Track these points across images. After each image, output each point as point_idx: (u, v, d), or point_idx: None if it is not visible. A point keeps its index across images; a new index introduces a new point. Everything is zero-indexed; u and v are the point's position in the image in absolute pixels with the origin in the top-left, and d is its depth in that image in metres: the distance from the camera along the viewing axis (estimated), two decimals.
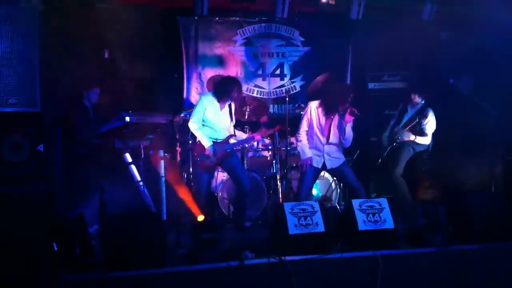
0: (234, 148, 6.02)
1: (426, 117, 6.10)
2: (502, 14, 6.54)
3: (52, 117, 5.86)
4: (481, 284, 4.76)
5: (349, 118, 5.49)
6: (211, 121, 5.77)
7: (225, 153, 5.76)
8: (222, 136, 5.83)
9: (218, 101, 5.80)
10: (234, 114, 5.97)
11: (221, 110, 5.83)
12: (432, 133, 6.20)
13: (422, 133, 6.13)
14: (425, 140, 6.17)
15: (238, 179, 5.82)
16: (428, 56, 7.17)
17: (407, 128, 6.15)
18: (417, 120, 6.11)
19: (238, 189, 5.88)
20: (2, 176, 4.11)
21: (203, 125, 5.78)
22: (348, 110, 5.47)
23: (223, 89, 5.78)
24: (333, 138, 5.64)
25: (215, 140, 5.78)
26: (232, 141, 5.88)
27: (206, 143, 5.70)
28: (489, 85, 6.79)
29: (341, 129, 5.59)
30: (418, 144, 6.20)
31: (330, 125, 5.62)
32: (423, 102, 6.33)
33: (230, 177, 6.08)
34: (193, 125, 5.74)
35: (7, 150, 3.99)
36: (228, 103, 5.85)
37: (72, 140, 5.88)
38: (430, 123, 6.13)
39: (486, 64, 6.71)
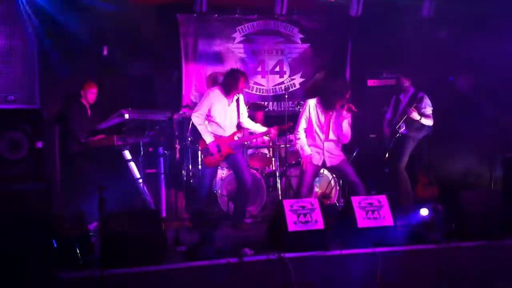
0: (239, 145, 5.94)
1: (421, 101, 6.12)
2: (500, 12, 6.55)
3: (51, 115, 5.87)
4: (479, 282, 4.77)
5: (346, 114, 5.50)
6: (218, 117, 5.70)
7: (229, 150, 5.70)
8: (228, 133, 5.76)
9: (226, 95, 5.71)
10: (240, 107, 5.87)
11: (229, 105, 5.75)
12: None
13: (424, 115, 6.16)
14: (429, 121, 6.20)
15: (240, 176, 5.76)
16: (427, 53, 7.16)
17: (407, 114, 6.15)
18: (414, 105, 6.13)
19: (239, 186, 5.84)
20: (0, 173, 4.12)
21: (210, 121, 5.71)
22: (345, 106, 5.47)
23: (230, 82, 5.67)
24: (332, 134, 5.64)
25: (219, 136, 5.71)
26: (236, 137, 5.80)
27: (208, 139, 5.63)
28: (488, 82, 6.80)
29: (339, 126, 5.60)
30: (420, 131, 6.23)
31: (329, 122, 5.62)
32: (413, 88, 6.37)
33: (233, 174, 6.03)
34: (196, 119, 5.64)
35: (5, 147, 3.99)
36: (236, 97, 5.78)
37: (69, 138, 5.89)
38: (428, 104, 6.14)
39: (485, 62, 6.70)
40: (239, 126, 5.95)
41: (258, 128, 5.95)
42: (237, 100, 5.81)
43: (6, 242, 3.88)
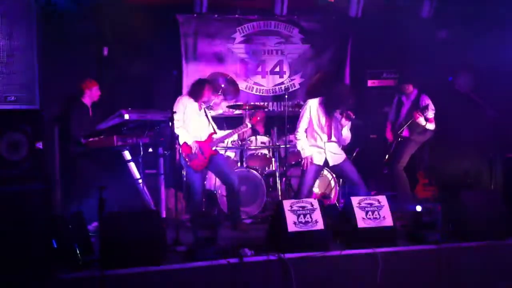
0: (218, 145, 6.09)
1: (426, 105, 6.13)
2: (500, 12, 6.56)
3: (51, 115, 5.86)
4: (479, 282, 4.77)
5: (345, 122, 5.52)
6: (192, 121, 5.82)
7: (210, 151, 5.81)
8: (205, 135, 5.87)
9: (195, 101, 5.89)
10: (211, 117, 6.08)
11: (199, 110, 5.91)
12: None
13: (428, 120, 6.18)
14: (432, 126, 6.23)
15: (225, 176, 5.82)
16: (427, 54, 7.17)
17: (414, 118, 6.17)
18: (419, 111, 6.15)
19: (227, 188, 5.88)
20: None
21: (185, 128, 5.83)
22: (344, 114, 5.50)
23: (197, 90, 5.90)
24: (334, 136, 5.65)
25: (199, 140, 5.80)
26: (214, 137, 5.91)
27: (189, 140, 5.73)
28: (487, 82, 6.80)
29: (338, 130, 5.61)
30: (422, 134, 6.25)
31: (330, 125, 5.63)
32: (416, 91, 6.39)
33: (218, 178, 6.09)
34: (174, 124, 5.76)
35: (5, 148, 3.98)
36: (204, 106, 5.96)
37: (69, 139, 5.89)
38: (431, 108, 6.16)
39: (484, 62, 6.71)
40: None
41: (223, 133, 6.11)
42: (205, 110, 6.02)
43: (6, 243, 3.88)
